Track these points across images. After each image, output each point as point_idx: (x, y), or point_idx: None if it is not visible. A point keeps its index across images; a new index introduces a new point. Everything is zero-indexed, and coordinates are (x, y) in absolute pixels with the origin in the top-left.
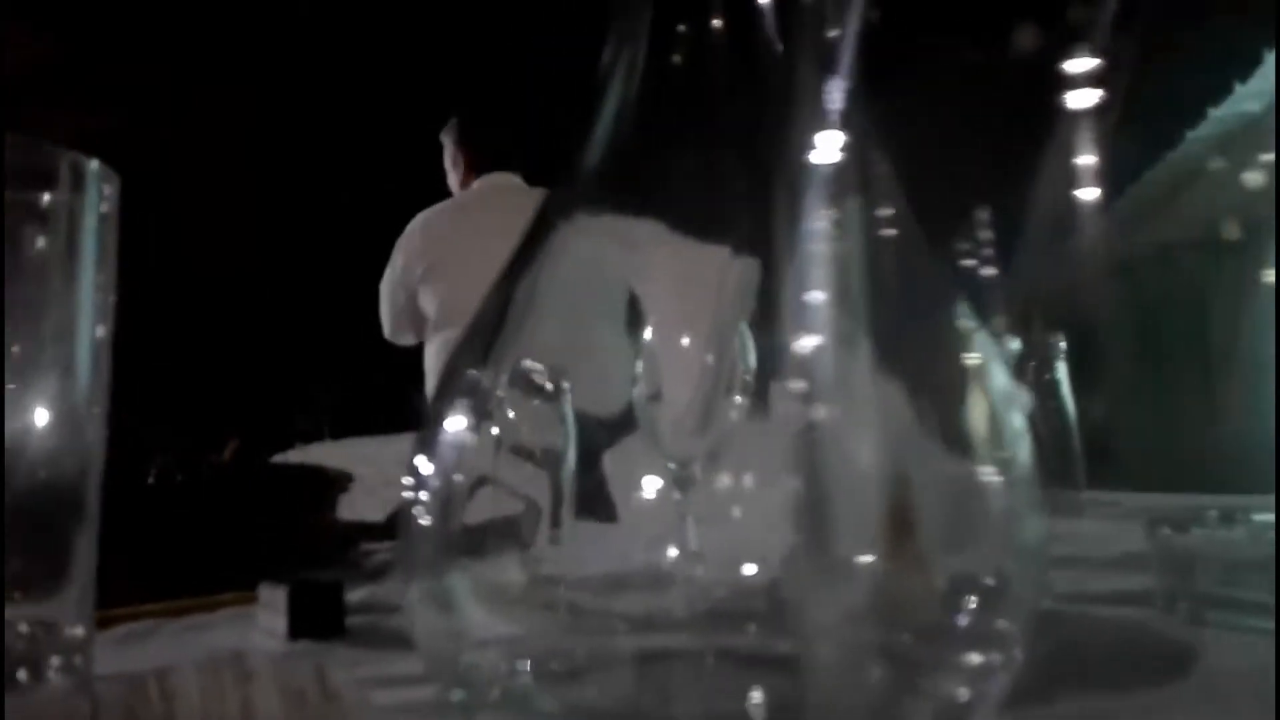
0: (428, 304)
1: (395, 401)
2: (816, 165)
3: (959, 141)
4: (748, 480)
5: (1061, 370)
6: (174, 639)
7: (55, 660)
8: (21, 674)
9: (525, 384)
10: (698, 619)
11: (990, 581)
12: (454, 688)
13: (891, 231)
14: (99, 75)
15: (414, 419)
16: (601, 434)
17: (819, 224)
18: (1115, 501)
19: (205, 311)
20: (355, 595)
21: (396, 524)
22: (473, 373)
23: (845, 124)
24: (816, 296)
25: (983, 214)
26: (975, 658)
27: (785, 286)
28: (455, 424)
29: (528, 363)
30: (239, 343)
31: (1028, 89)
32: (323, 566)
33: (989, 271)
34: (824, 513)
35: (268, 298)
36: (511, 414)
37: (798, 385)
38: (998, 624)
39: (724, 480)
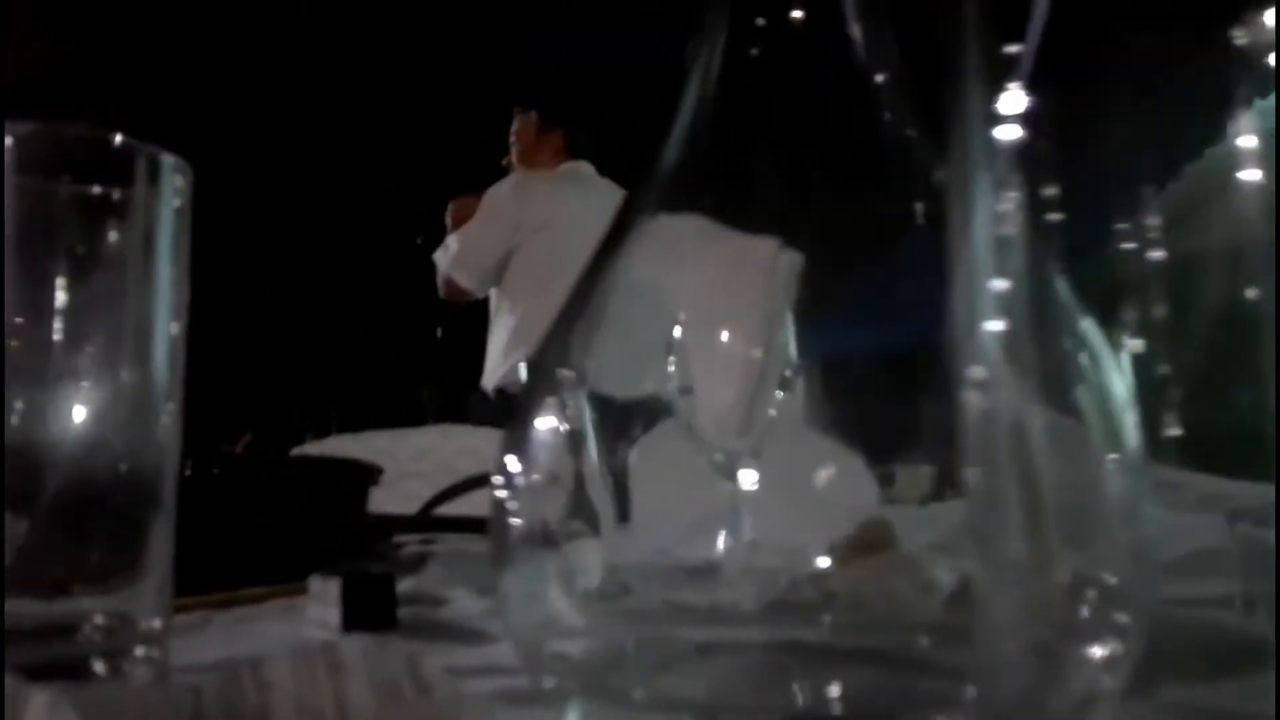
0: (522, 263)
1: (400, 396)
2: (993, 148)
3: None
4: (799, 470)
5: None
6: (226, 631)
7: (139, 652)
8: (99, 666)
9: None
10: (767, 611)
11: (1110, 578)
12: (545, 676)
13: (1057, 216)
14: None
15: (421, 413)
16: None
17: (997, 208)
18: (1175, 484)
19: (210, 307)
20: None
21: (427, 517)
22: (562, 371)
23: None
24: (997, 283)
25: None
26: (1100, 650)
27: (956, 273)
28: (546, 422)
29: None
30: (242, 337)
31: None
32: (356, 559)
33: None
34: (1005, 505)
35: (273, 294)
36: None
37: (979, 373)
38: (1118, 617)
39: (774, 470)
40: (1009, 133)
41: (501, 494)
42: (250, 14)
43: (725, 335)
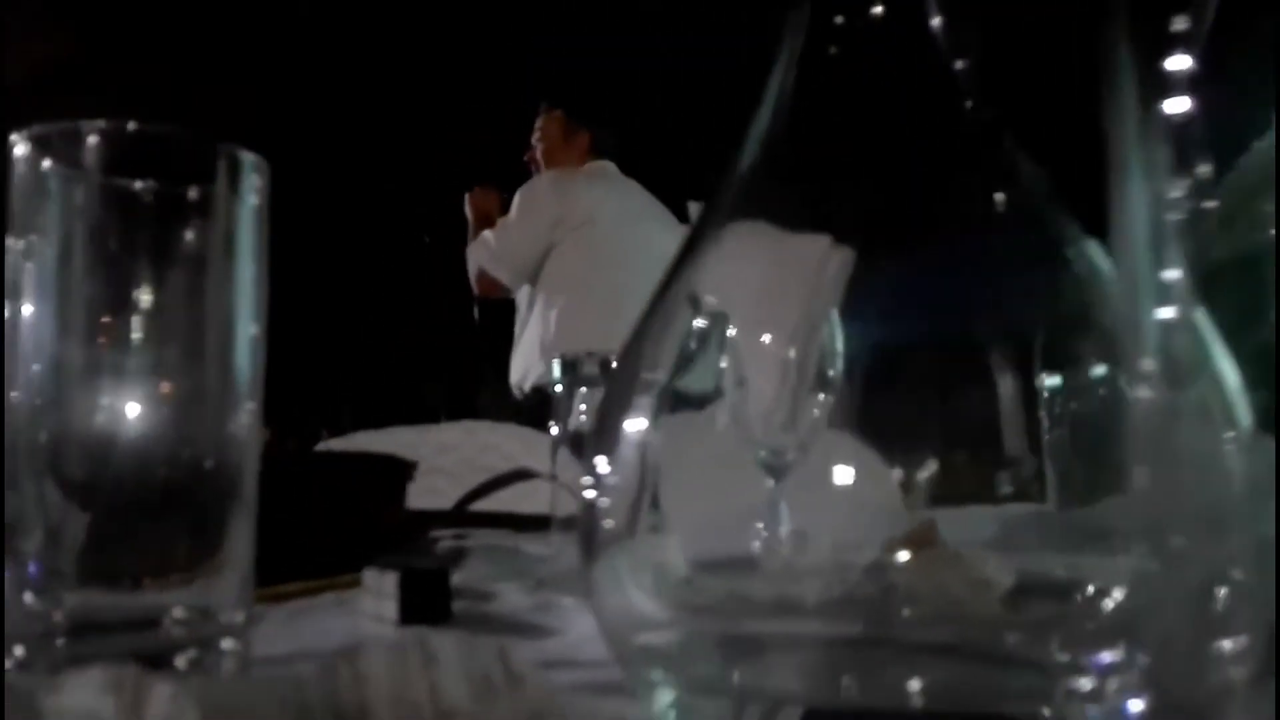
0: (560, 259)
1: (407, 393)
2: (1163, 139)
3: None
4: (846, 466)
5: None
6: (284, 624)
7: (223, 645)
8: (181, 660)
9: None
10: (831, 605)
11: (1238, 573)
12: (638, 668)
13: (1211, 203)
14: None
15: (432, 409)
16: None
17: (1169, 197)
18: None
19: None
20: None
21: (463, 512)
22: (646, 374)
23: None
24: (1172, 273)
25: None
26: (1230, 644)
27: (1120, 263)
28: (636, 423)
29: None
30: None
31: None
32: (399, 553)
33: None
34: (1176, 498)
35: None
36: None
37: (1148, 365)
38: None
39: (821, 467)
40: (1169, 118)
41: (590, 492)
42: (252, 12)
43: (770, 332)
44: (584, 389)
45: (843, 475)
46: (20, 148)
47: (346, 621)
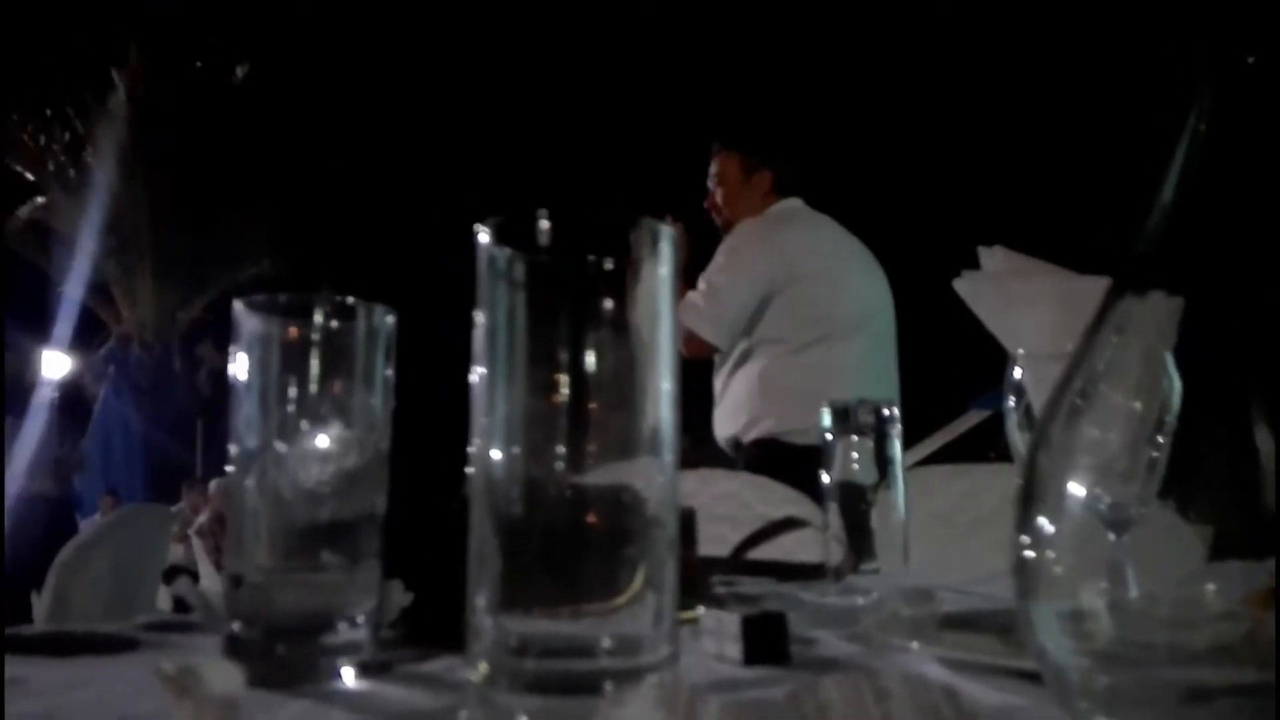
0: (771, 316)
1: None
2: None
3: None
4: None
5: None
6: None
7: (650, 676)
8: (609, 684)
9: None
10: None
11: None
12: (1083, 709)
13: None
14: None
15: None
16: None
17: None
18: None
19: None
20: None
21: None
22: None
23: None
24: None
25: None
26: None
27: None
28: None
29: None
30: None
31: None
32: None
33: None
34: None
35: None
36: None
37: None
38: None
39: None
40: None
41: (1024, 540)
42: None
43: (1110, 383)
44: (855, 437)
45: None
46: (481, 235)
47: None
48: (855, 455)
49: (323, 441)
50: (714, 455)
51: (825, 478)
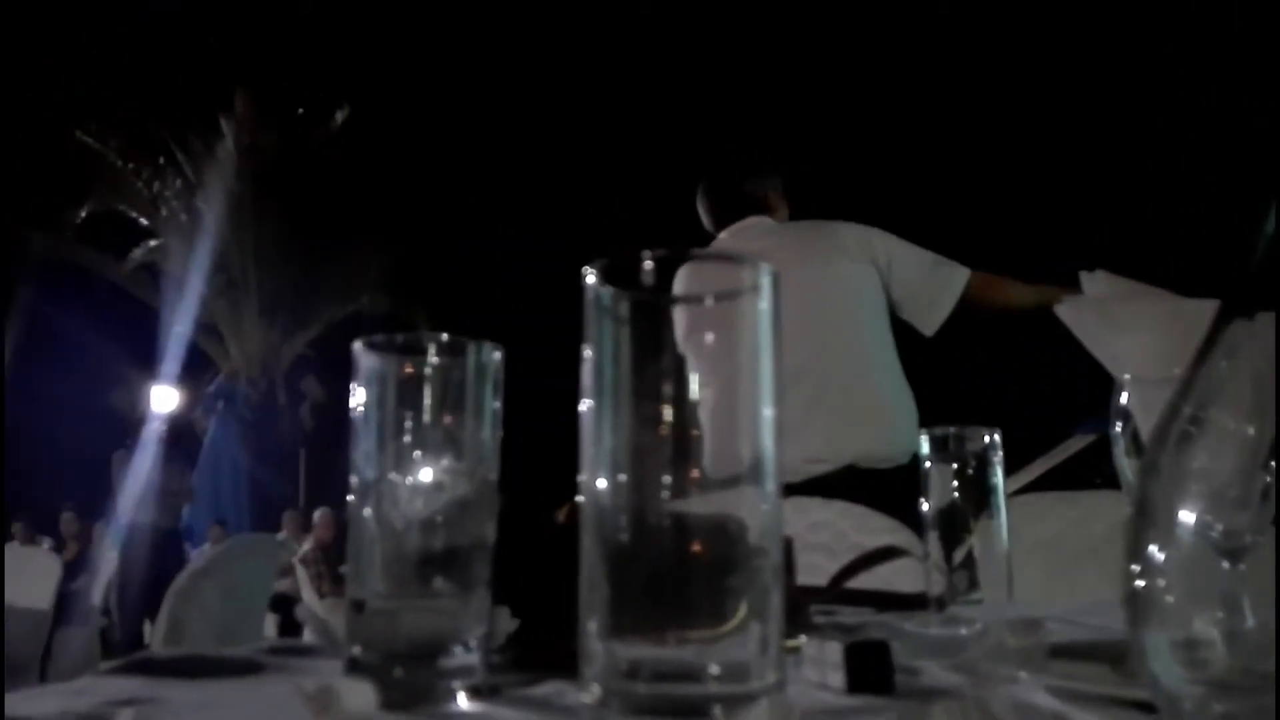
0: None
1: None
2: None
3: None
4: None
5: None
6: None
7: (758, 699)
8: (718, 710)
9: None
10: None
11: None
12: None
13: None
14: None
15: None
16: None
17: None
18: None
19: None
20: None
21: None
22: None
23: None
24: None
25: None
26: None
27: None
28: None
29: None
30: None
31: None
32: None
33: None
34: None
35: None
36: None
37: None
38: None
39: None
40: None
41: (1136, 569)
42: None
43: (1221, 408)
44: (954, 465)
45: None
46: (588, 276)
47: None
48: (955, 483)
49: (435, 473)
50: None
51: (925, 506)
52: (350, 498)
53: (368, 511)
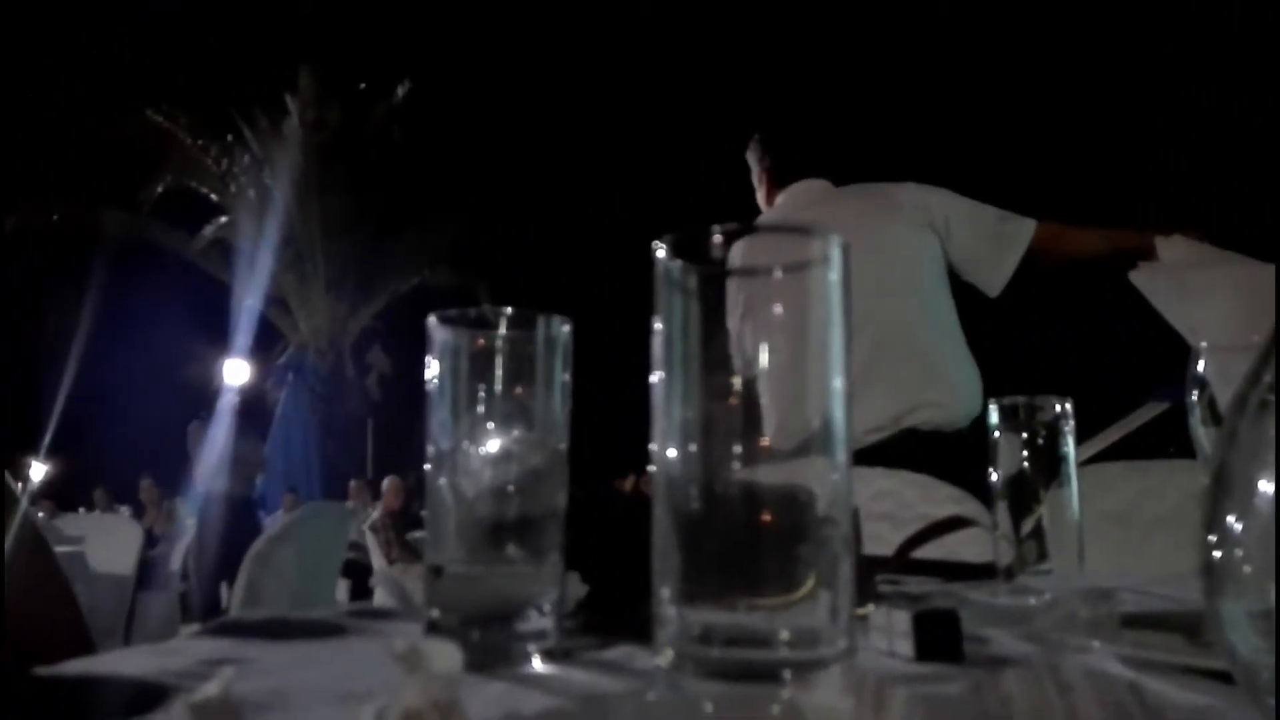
0: None
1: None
2: None
3: None
4: None
5: None
6: None
7: (830, 666)
8: (787, 674)
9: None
10: None
11: None
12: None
13: None
14: None
15: None
16: None
17: None
18: None
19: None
20: None
21: (906, 558)
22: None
23: None
24: None
25: None
26: None
27: None
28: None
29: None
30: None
31: None
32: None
33: None
34: None
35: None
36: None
37: None
38: None
39: None
40: None
41: (1213, 539)
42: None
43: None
44: (1024, 434)
45: None
46: (660, 250)
47: None
48: (1024, 453)
49: (507, 443)
50: None
51: (993, 476)
52: (427, 467)
53: (443, 481)
